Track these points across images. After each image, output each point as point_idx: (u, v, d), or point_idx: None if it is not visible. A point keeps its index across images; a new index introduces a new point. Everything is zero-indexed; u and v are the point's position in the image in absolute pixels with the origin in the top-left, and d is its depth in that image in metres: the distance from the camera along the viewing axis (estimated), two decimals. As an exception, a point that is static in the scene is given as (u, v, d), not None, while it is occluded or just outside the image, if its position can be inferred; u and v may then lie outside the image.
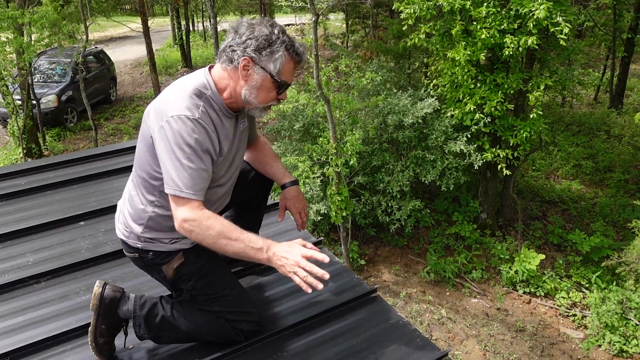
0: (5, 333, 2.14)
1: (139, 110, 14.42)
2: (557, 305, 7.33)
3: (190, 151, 1.75)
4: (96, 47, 15.45)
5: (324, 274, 1.74)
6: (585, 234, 8.26)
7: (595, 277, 7.47)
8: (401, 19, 7.20)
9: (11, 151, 11.62)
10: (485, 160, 7.45)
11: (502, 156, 7.26)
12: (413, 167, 7.77)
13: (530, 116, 6.77)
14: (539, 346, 6.66)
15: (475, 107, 6.91)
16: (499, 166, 7.25)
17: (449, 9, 6.55)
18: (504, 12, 6.44)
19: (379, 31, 14.00)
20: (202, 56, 19.74)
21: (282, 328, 2.13)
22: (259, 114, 1.97)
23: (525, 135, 6.94)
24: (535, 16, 5.94)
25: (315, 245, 2.68)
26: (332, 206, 7.08)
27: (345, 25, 16.61)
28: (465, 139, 7.50)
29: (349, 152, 6.75)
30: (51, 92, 12.64)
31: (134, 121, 13.62)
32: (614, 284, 7.31)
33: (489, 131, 7.37)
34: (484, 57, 6.70)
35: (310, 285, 1.74)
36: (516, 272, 7.57)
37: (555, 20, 6.04)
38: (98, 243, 2.71)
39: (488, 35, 6.32)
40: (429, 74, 8.53)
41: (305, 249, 1.79)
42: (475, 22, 6.59)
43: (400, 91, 8.49)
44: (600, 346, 6.61)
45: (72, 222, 2.88)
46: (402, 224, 7.77)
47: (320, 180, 7.44)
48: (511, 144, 7.24)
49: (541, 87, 6.67)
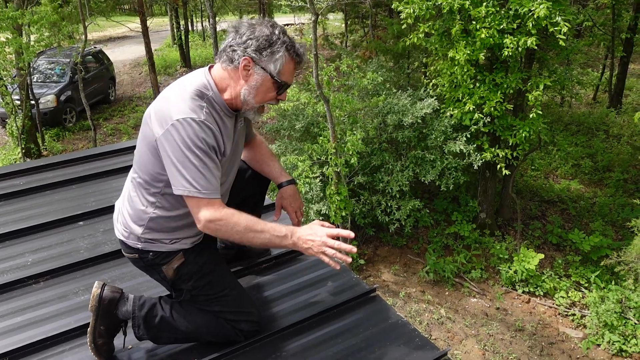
0: (4, 333, 2.13)
1: (138, 110, 14.41)
2: (557, 305, 7.34)
3: (200, 152, 1.76)
4: (95, 47, 15.45)
5: (352, 248, 1.81)
6: (585, 233, 8.27)
7: (594, 276, 7.47)
8: (400, 18, 7.20)
9: (10, 151, 11.61)
10: (484, 160, 7.45)
11: (501, 156, 7.26)
12: (412, 167, 7.77)
13: (530, 116, 6.76)
14: (538, 346, 6.66)
15: (475, 107, 6.91)
16: (498, 166, 7.25)
17: (448, 8, 6.54)
18: (503, 12, 6.44)
19: (378, 31, 13.99)
20: (201, 56, 19.74)
21: (281, 328, 2.13)
22: (252, 115, 1.95)
23: (524, 135, 6.94)
24: (536, 15, 5.93)
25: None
26: (331, 206, 7.07)
27: (344, 25, 16.61)
28: (464, 139, 7.51)
29: (350, 152, 6.74)
30: (50, 92, 12.63)
31: (133, 121, 13.61)
32: (613, 283, 7.31)
33: (488, 131, 7.38)
34: (483, 57, 6.70)
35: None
36: (515, 271, 7.57)
37: (554, 20, 6.03)
38: (97, 243, 2.71)
39: (487, 35, 6.32)
40: (428, 74, 8.52)
41: (330, 229, 1.84)
42: (474, 22, 6.59)
43: (400, 91, 8.48)
44: (599, 345, 6.61)
45: (71, 222, 2.88)
46: (402, 224, 7.77)
47: (319, 180, 7.43)
48: (510, 144, 7.25)
49: (540, 87, 6.66)
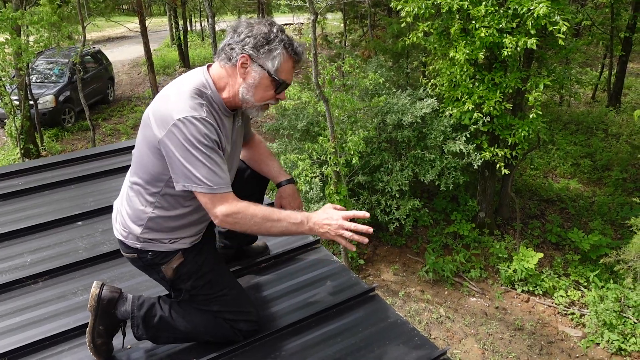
0: (3, 333, 2.13)
1: (136, 111, 14.40)
2: (556, 304, 7.34)
3: (206, 149, 1.76)
4: (94, 47, 15.43)
5: (368, 229, 1.82)
6: (584, 232, 8.27)
7: (593, 275, 7.48)
8: (399, 18, 7.20)
9: (9, 152, 11.59)
10: (483, 160, 7.45)
11: (500, 155, 7.26)
12: (412, 167, 7.77)
13: (530, 116, 6.76)
14: (538, 345, 6.67)
15: (474, 107, 6.91)
16: (497, 165, 7.26)
17: (447, 8, 6.54)
18: (502, 11, 6.44)
19: (377, 30, 14.00)
20: (200, 56, 19.73)
21: (280, 327, 2.13)
22: (255, 114, 1.95)
23: (523, 134, 6.94)
24: (535, 14, 5.93)
25: (313, 245, 2.70)
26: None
27: (343, 25, 16.60)
28: (464, 138, 7.50)
29: (351, 152, 6.74)
30: (49, 93, 12.61)
31: (131, 121, 13.60)
32: (612, 282, 7.32)
33: (487, 130, 7.38)
34: (482, 57, 6.70)
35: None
36: (515, 270, 7.57)
37: (553, 19, 6.03)
38: (96, 243, 2.70)
39: (487, 34, 6.32)
40: (427, 73, 8.52)
41: (345, 211, 1.85)
42: (473, 22, 6.59)
43: (400, 90, 8.48)
44: (598, 344, 6.61)
45: (70, 222, 2.88)
46: (401, 223, 7.77)
47: (319, 180, 7.43)
48: (509, 143, 7.25)
49: (540, 87, 6.67)
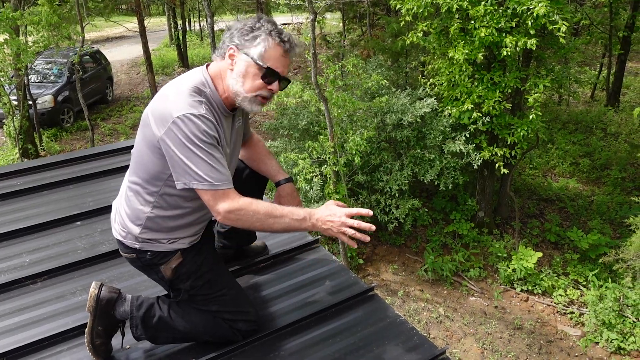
0: (2, 334, 2.13)
1: (135, 110, 14.39)
2: (555, 303, 7.34)
3: (205, 146, 1.76)
4: (92, 47, 15.42)
5: (371, 226, 1.80)
6: (583, 231, 8.28)
7: (592, 274, 7.48)
8: (398, 17, 7.20)
9: (8, 152, 11.58)
10: (482, 159, 7.45)
11: (499, 155, 7.26)
12: (411, 167, 7.77)
13: (530, 117, 6.76)
14: (537, 344, 6.67)
15: (473, 106, 6.91)
16: (497, 165, 7.26)
17: (446, 8, 6.54)
18: (501, 11, 6.44)
19: (376, 30, 13.99)
20: (199, 56, 19.71)
21: (279, 327, 2.13)
22: (248, 106, 1.90)
23: (522, 134, 6.94)
24: (535, 13, 5.93)
25: (312, 244, 2.70)
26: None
27: (342, 24, 16.60)
28: (463, 138, 7.49)
29: (352, 152, 6.74)
30: (47, 93, 12.60)
31: (130, 121, 13.58)
32: (611, 281, 7.32)
33: (486, 129, 7.38)
34: (481, 57, 6.70)
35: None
36: (514, 270, 7.57)
37: (553, 19, 6.04)
38: (95, 243, 2.70)
39: (486, 34, 6.32)
40: (426, 73, 8.52)
41: (348, 209, 1.85)
42: (472, 21, 6.59)
43: (399, 90, 8.48)
44: (597, 343, 6.62)
45: (69, 222, 2.88)
46: (401, 223, 7.76)
47: (319, 179, 7.42)
48: (508, 143, 7.25)
49: (540, 87, 6.67)
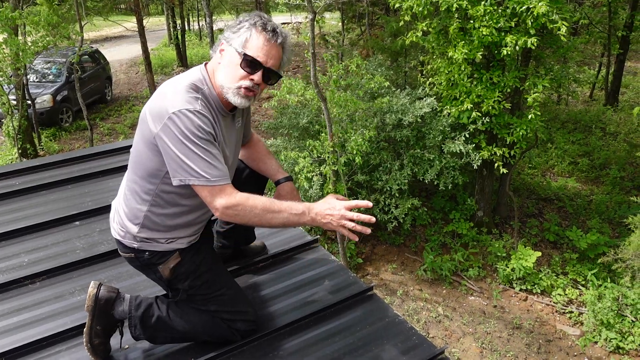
0: (1, 334, 2.13)
1: (134, 110, 14.37)
2: (554, 303, 7.35)
3: (201, 142, 1.75)
4: (91, 47, 15.40)
5: (371, 218, 1.79)
6: (582, 231, 8.28)
7: (591, 274, 7.48)
8: (397, 16, 7.20)
9: (6, 151, 11.57)
10: (482, 159, 7.46)
11: (498, 154, 7.26)
12: (411, 166, 7.77)
13: (529, 117, 6.77)
14: (536, 343, 6.68)
15: (472, 106, 6.91)
16: (496, 164, 7.26)
17: (445, 7, 6.54)
18: (500, 11, 6.44)
19: (375, 29, 13.99)
20: (198, 55, 19.70)
21: (278, 327, 2.13)
22: (233, 99, 1.86)
23: (521, 133, 6.95)
24: (535, 12, 5.94)
25: (311, 244, 2.70)
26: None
27: (341, 24, 16.60)
28: (463, 138, 7.49)
29: (353, 151, 6.74)
30: (46, 92, 12.58)
31: (129, 121, 13.57)
32: (610, 280, 7.33)
33: (485, 129, 7.38)
34: (480, 56, 6.70)
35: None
36: (513, 269, 7.58)
37: (552, 18, 6.05)
38: (93, 243, 2.70)
39: (486, 34, 6.32)
40: (425, 72, 8.52)
41: (347, 201, 1.83)
42: (472, 21, 6.59)
43: (399, 90, 8.48)
44: (596, 343, 6.63)
45: (67, 222, 2.88)
46: (401, 222, 7.76)
47: (319, 178, 7.42)
48: (507, 142, 7.26)
49: (539, 87, 6.67)
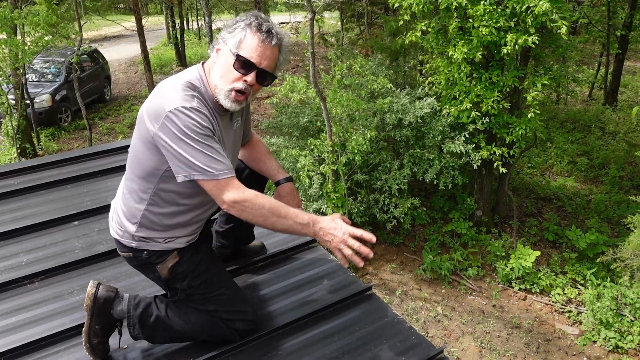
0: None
1: (133, 110, 14.36)
2: (553, 302, 7.36)
3: (201, 137, 1.75)
4: (90, 46, 15.39)
5: (369, 252, 1.78)
6: (581, 230, 8.29)
7: (590, 273, 7.49)
8: (397, 15, 7.20)
9: (5, 151, 11.56)
10: (481, 158, 7.46)
11: (497, 154, 7.27)
12: (410, 166, 7.77)
13: (529, 116, 6.77)
14: (535, 342, 6.68)
15: (471, 105, 6.92)
16: (495, 164, 7.27)
17: (445, 5, 6.55)
18: (499, 10, 6.44)
19: (374, 29, 14.00)
20: (197, 55, 19.68)
21: (277, 327, 2.13)
22: (223, 101, 1.85)
23: (520, 133, 6.95)
24: (536, 11, 5.94)
25: (310, 244, 2.70)
26: (328, 203, 7.08)
27: (340, 23, 16.60)
28: (463, 138, 7.49)
29: (354, 151, 6.74)
30: (45, 92, 12.57)
31: (128, 120, 13.56)
32: (609, 280, 7.33)
33: (484, 128, 7.38)
34: (480, 56, 6.71)
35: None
36: (512, 269, 7.58)
37: (552, 17, 6.05)
38: (92, 243, 2.70)
39: (486, 33, 6.33)
40: (424, 72, 8.52)
41: (354, 228, 1.81)
42: (471, 20, 6.60)
43: (399, 89, 8.48)
44: (595, 342, 6.63)
45: (66, 222, 2.87)
46: (401, 221, 7.76)
47: (319, 177, 7.42)
48: (507, 142, 7.26)
49: (538, 86, 6.68)
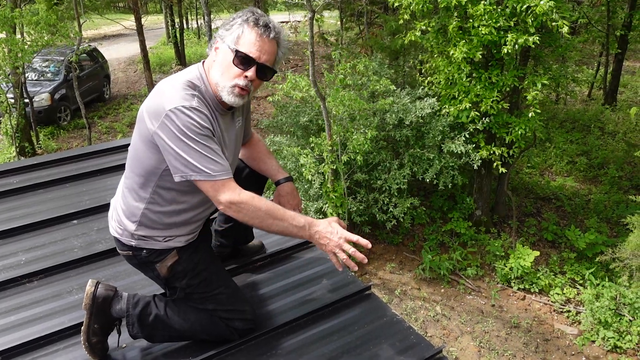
0: (-2, 333, 2.12)
1: (132, 109, 14.35)
2: (552, 302, 7.36)
3: (200, 137, 1.75)
4: (90, 45, 15.37)
5: (364, 258, 1.80)
6: (580, 230, 8.29)
7: (589, 273, 7.49)
8: (396, 15, 7.20)
9: (4, 150, 11.55)
10: (481, 158, 7.46)
11: (497, 154, 7.27)
12: (410, 166, 7.77)
13: (529, 115, 6.77)
14: (534, 342, 6.69)
15: (471, 105, 6.92)
16: (494, 164, 7.27)
17: (445, 5, 6.55)
18: (499, 10, 6.45)
19: (374, 28, 13.99)
20: (197, 54, 19.66)
21: (276, 326, 2.13)
22: (227, 97, 1.85)
23: (520, 133, 6.95)
24: (537, 11, 5.94)
25: (308, 243, 2.70)
26: (328, 202, 7.08)
27: (339, 23, 16.59)
28: (463, 138, 7.49)
29: (355, 150, 6.75)
30: (44, 91, 12.56)
31: (127, 119, 13.55)
32: (607, 280, 7.34)
33: (483, 128, 7.38)
34: (480, 55, 6.71)
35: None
36: (511, 268, 7.58)
37: (552, 17, 6.05)
38: (91, 242, 2.70)
39: (486, 33, 6.33)
40: (423, 71, 8.52)
41: (350, 234, 1.82)
42: (471, 20, 6.59)
43: (400, 89, 8.48)
44: (594, 342, 6.64)
45: (65, 221, 2.87)
46: (400, 221, 7.76)
47: (319, 177, 7.42)
48: (506, 141, 7.26)
49: (538, 86, 6.68)
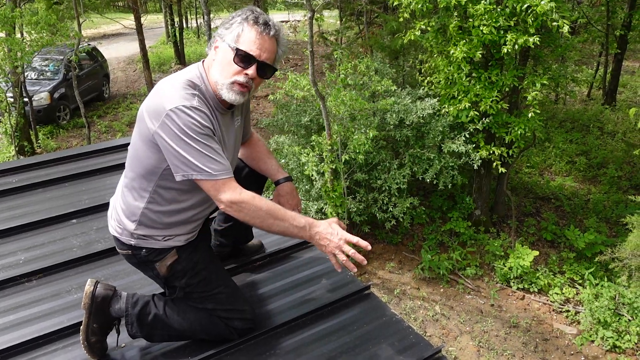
0: (-3, 332, 2.12)
1: (132, 108, 14.35)
2: (551, 301, 7.36)
3: (200, 137, 1.75)
4: (89, 44, 15.37)
5: (363, 260, 1.80)
6: (579, 230, 8.29)
7: (588, 273, 7.50)
8: (396, 15, 7.20)
9: (3, 149, 11.54)
10: (480, 158, 7.46)
11: (496, 153, 7.27)
12: (410, 166, 7.77)
13: (529, 115, 6.78)
14: (533, 342, 6.69)
15: (470, 105, 6.92)
16: (494, 164, 7.27)
17: (444, 4, 6.55)
18: (499, 10, 6.45)
19: (373, 28, 13.98)
20: (196, 53, 19.66)
21: (275, 325, 2.13)
22: (227, 95, 1.85)
23: (519, 132, 6.96)
24: (538, 11, 5.94)
25: (308, 243, 2.69)
26: (328, 202, 7.08)
27: (339, 22, 16.59)
28: (463, 138, 7.49)
29: (357, 150, 6.75)
30: (44, 90, 12.55)
31: (127, 118, 13.55)
32: (606, 279, 7.34)
33: (483, 128, 7.39)
34: (479, 55, 6.71)
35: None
36: (510, 268, 7.59)
37: (552, 17, 6.06)
38: (90, 241, 2.69)
39: (486, 32, 6.33)
40: (423, 71, 8.52)
41: (350, 235, 1.83)
42: (471, 19, 6.59)
43: (400, 89, 8.47)
44: (593, 342, 6.64)
45: (64, 220, 2.87)
46: (399, 220, 7.76)
47: (320, 177, 7.42)
48: (506, 141, 7.26)
49: (537, 86, 6.68)
